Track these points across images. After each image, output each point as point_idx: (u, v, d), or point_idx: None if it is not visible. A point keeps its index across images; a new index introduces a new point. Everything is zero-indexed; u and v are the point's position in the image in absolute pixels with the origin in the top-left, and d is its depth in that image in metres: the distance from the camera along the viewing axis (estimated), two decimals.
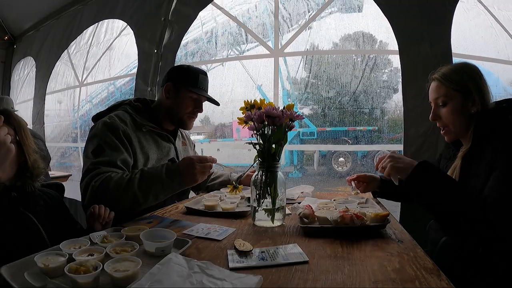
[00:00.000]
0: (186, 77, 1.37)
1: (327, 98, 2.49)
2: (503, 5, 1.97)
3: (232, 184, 1.10)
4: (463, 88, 1.00)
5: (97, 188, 1.06)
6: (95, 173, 1.10)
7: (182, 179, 1.10)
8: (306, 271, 0.62)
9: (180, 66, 1.43)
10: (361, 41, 2.28)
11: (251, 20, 2.63)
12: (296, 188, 1.46)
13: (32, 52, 3.90)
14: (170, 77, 1.39)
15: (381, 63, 2.33)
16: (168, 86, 1.36)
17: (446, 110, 1.03)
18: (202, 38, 2.83)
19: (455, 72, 1.03)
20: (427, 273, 0.59)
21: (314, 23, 2.39)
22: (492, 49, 1.98)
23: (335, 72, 2.36)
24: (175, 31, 2.43)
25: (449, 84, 1.02)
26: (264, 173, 0.94)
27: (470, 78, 1.00)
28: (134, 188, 1.06)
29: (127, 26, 2.83)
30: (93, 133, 1.22)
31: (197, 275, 0.55)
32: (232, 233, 0.87)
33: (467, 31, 1.94)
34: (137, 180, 1.08)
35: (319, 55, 2.45)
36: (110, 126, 1.20)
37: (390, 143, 2.39)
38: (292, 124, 0.95)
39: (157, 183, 1.09)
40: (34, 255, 0.61)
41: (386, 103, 2.41)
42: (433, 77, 1.07)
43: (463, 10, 1.85)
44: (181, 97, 1.36)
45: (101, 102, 4.11)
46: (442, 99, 1.04)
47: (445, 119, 1.04)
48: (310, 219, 0.90)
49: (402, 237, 0.81)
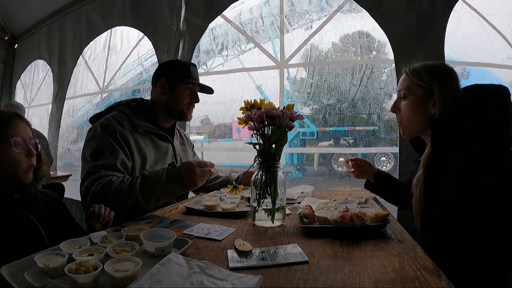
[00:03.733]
0: (179, 70, 1.39)
1: (328, 104, 2.54)
2: (497, 11, 2.00)
3: (231, 184, 1.10)
4: (427, 85, 0.97)
5: (98, 193, 1.07)
6: (95, 178, 1.10)
7: (182, 183, 1.12)
8: (306, 271, 0.62)
9: (170, 61, 1.46)
10: (361, 42, 2.31)
11: (259, 34, 2.71)
12: (296, 188, 1.46)
13: (42, 55, 3.89)
14: (162, 72, 1.40)
15: (378, 70, 2.38)
16: (162, 82, 1.37)
17: (405, 103, 1.03)
18: (214, 49, 2.90)
19: (424, 69, 1.00)
20: (427, 273, 0.59)
21: (314, 23, 2.42)
22: (487, 55, 2.01)
23: (335, 80, 2.41)
24: (187, 41, 2.48)
25: (414, 78, 1.00)
26: (264, 173, 0.94)
27: (437, 78, 0.97)
28: (136, 192, 1.08)
29: (144, 37, 2.89)
30: (90, 135, 1.23)
31: (197, 275, 0.55)
32: (232, 233, 0.87)
33: (460, 39, 1.98)
34: (139, 184, 1.09)
35: (321, 66, 2.51)
36: (107, 128, 1.21)
37: (387, 145, 2.43)
38: (292, 124, 0.95)
39: (158, 187, 1.10)
40: (34, 255, 0.61)
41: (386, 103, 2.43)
42: (404, 69, 1.06)
43: (457, 18, 1.89)
44: (177, 90, 1.37)
45: None
46: (403, 91, 1.03)
47: (402, 113, 1.04)
48: (310, 219, 0.90)
49: (402, 237, 0.81)
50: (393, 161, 3.12)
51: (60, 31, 3.63)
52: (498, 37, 1.99)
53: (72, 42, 3.49)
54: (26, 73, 4.36)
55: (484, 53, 2.00)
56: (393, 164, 3.10)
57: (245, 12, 2.76)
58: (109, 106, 1.40)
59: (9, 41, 4.33)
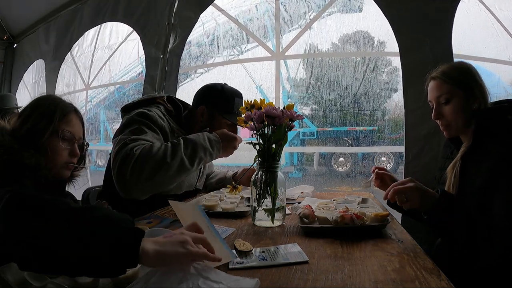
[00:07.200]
0: (221, 102, 1.32)
1: (328, 100, 2.51)
2: (504, 5, 1.97)
3: (229, 182, 1.10)
4: (465, 84, 1.01)
5: (138, 156, 0.97)
6: (134, 145, 1.02)
7: (221, 150, 1.18)
8: (306, 271, 0.62)
9: (214, 87, 1.36)
10: (361, 42, 2.29)
11: (252, 22, 2.64)
12: (296, 188, 1.45)
13: (42, 54, 3.89)
14: (204, 99, 1.34)
15: (382, 64, 2.34)
16: (201, 110, 1.32)
17: (449, 108, 1.03)
18: (204, 41, 2.83)
19: (455, 70, 1.04)
20: (427, 273, 0.59)
21: (314, 23, 2.40)
22: (493, 50, 1.97)
23: (336, 74, 2.37)
24: (178, 35, 2.45)
25: (450, 81, 1.03)
26: (264, 173, 0.94)
27: (470, 75, 1.03)
28: (181, 153, 1.05)
29: (133, 32, 2.84)
30: (131, 118, 1.15)
31: (193, 277, 0.55)
32: (232, 233, 0.87)
33: (468, 32, 1.93)
34: (182, 146, 1.07)
35: (321, 57, 2.47)
36: (152, 117, 1.17)
37: (391, 144, 2.40)
38: (292, 124, 0.95)
39: (201, 150, 1.11)
40: None
41: (387, 103, 2.42)
42: (433, 76, 1.08)
43: (464, 10, 1.85)
44: (215, 123, 1.30)
45: (101, 102, 4.11)
46: (445, 97, 1.04)
47: (448, 117, 1.04)
48: (310, 219, 0.90)
49: (402, 237, 0.81)
50: (393, 161, 3.12)
51: (56, 30, 3.61)
52: (504, 32, 1.96)
53: (63, 39, 3.46)
54: (29, 73, 4.35)
55: (491, 48, 1.96)
56: (393, 164, 3.10)
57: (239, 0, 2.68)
58: (143, 98, 1.32)
59: (8, 41, 4.32)
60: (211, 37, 2.82)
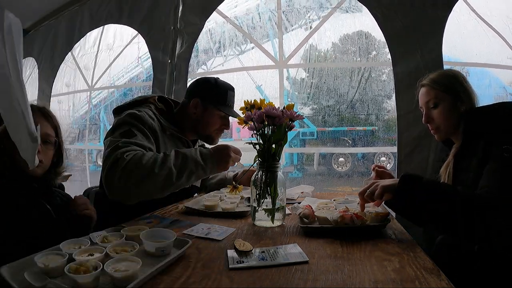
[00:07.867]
0: (214, 94, 1.33)
1: (327, 106, 2.56)
2: (495, 11, 2.03)
3: (229, 183, 1.10)
4: (451, 89, 1.10)
5: (128, 162, 0.97)
6: (127, 149, 1.01)
7: (215, 163, 1.12)
8: (306, 271, 0.62)
9: (207, 80, 1.37)
10: (361, 42, 2.31)
11: (256, 30, 2.69)
12: (296, 188, 1.46)
13: (33, 53, 3.88)
14: (197, 91, 1.35)
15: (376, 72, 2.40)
16: (195, 102, 1.32)
17: (438, 111, 1.11)
18: (212, 48, 2.88)
19: (442, 76, 1.13)
20: (427, 273, 0.59)
21: (314, 23, 2.42)
22: (486, 55, 2.04)
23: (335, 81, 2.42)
24: (185, 40, 2.46)
25: (438, 87, 1.11)
26: (264, 173, 0.94)
27: (456, 80, 1.11)
28: (170, 164, 1.03)
29: (138, 35, 2.84)
30: (121, 120, 1.15)
31: None
32: (232, 233, 0.87)
33: (458, 39, 2.03)
34: (173, 158, 1.05)
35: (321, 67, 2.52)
36: (141, 117, 1.17)
37: (387, 144, 2.45)
38: (292, 124, 0.95)
39: (191, 163, 1.07)
40: (34, 255, 0.61)
41: (385, 103, 2.45)
42: (422, 83, 1.17)
43: (455, 19, 1.91)
44: (209, 115, 1.32)
45: (102, 102, 4.12)
46: (433, 101, 1.12)
47: (437, 120, 1.12)
48: (310, 219, 0.90)
49: (402, 237, 0.82)
50: (393, 161, 3.13)
51: (54, 30, 3.58)
52: (497, 38, 2.01)
53: (62, 40, 3.44)
54: None
55: (483, 53, 2.02)
56: (393, 164, 3.10)
57: (241, 5, 2.73)
58: (134, 100, 1.32)
59: None
60: (217, 45, 2.87)
